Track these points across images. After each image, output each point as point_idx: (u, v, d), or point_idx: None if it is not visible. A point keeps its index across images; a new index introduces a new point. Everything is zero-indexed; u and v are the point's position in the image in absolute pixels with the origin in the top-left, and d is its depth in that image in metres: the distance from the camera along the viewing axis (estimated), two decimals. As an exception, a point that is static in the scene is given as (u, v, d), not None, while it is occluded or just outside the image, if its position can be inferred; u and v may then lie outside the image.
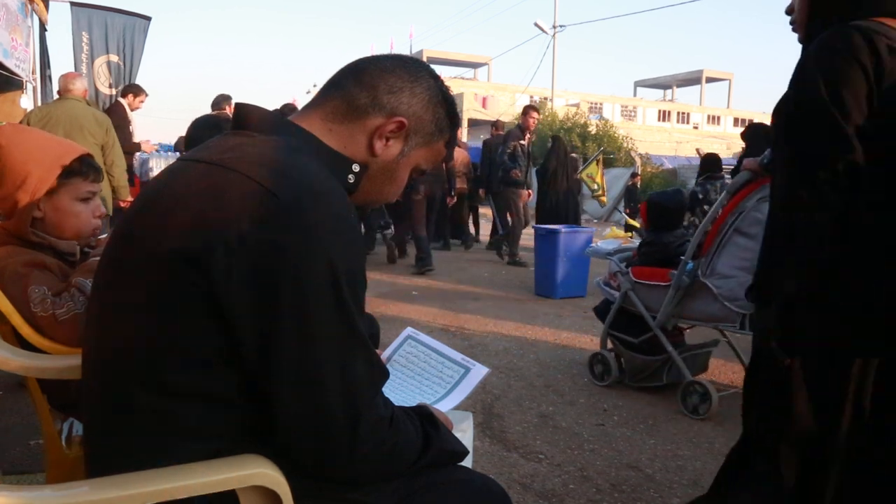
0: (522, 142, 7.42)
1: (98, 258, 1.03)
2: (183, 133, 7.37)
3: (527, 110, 7.57)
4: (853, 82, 1.27)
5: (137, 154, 6.29)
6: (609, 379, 3.35)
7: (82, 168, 1.58)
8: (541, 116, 22.55)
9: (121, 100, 6.42)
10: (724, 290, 2.82)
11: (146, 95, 6.42)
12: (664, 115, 48.27)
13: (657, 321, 3.11)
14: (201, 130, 2.39)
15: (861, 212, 1.31)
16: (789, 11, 1.55)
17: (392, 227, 8.02)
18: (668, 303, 3.04)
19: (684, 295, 3.02)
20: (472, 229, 9.73)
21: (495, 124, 9.02)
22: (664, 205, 3.38)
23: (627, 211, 12.30)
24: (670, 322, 3.14)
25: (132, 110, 6.28)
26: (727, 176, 6.29)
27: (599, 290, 3.60)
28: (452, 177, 7.97)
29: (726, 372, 3.64)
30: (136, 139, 6.28)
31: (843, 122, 1.27)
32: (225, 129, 1.09)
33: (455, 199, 8.29)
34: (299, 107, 1.13)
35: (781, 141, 1.42)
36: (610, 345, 3.45)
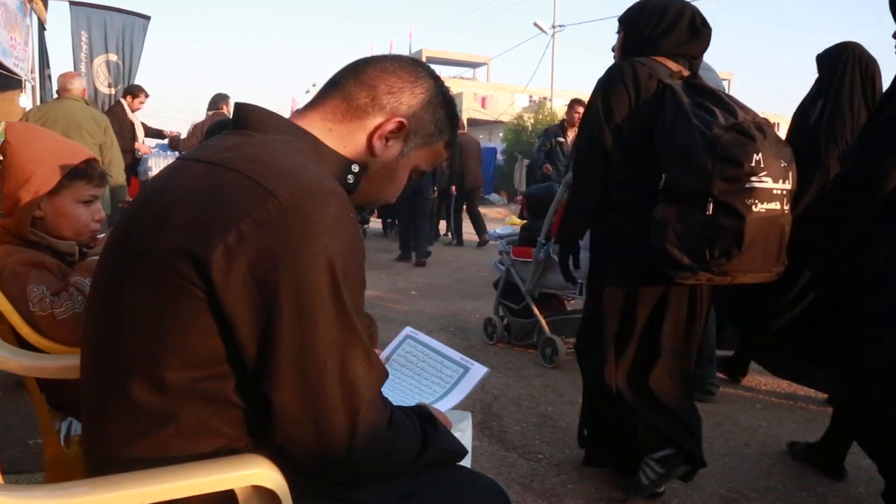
0: (561, 139, 7.01)
1: (97, 257, 1.03)
2: (182, 132, 7.38)
3: (572, 104, 6.97)
4: (617, 93, 1.94)
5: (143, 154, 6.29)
6: (496, 338, 4.14)
7: (87, 171, 1.59)
8: (540, 116, 22.55)
9: (121, 100, 6.43)
10: None
11: (146, 96, 6.42)
12: (663, 115, 48.08)
13: (525, 290, 3.88)
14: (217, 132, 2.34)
15: (612, 187, 2.00)
16: (613, 50, 2.20)
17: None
18: (532, 275, 3.82)
19: (543, 268, 3.79)
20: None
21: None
22: (537, 196, 4.25)
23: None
24: (535, 291, 3.89)
25: (133, 111, 6.28)
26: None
27: (494, 268, 4.38)
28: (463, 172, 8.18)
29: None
30: (142, 138, 6.30)
31: (604, 118, 1.96)
32: None
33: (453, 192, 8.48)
34: (299, 106, 1.12)
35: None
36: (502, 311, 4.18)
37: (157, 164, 6.92)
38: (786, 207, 1.81)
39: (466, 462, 1.13)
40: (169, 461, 0.82)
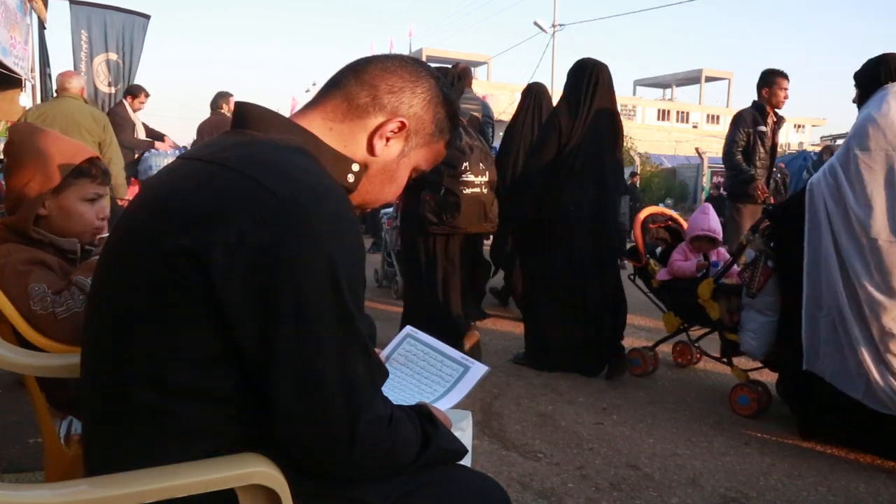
0: (763, 128, 4.78)
1: (98, 257, 1.03)
2: (182, 132, 7.36)
3: (771, 78, 4.79)
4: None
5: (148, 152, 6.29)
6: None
7: (91, 169, 1.59)
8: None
9: (123, 101, 6.42)
10: None
11: (147, 95, 6.42)
12: (663, 115, 48.26)
13: (390, 248, 5.82)
14: None
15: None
16: None
17: None
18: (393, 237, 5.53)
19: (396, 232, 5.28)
20: None
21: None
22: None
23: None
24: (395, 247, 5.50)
25: (134, 111, 6.28)
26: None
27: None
28: None
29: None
30: (143, 138, 6.28)
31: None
32: None
33: None
34: (299, 106, 1.13)
35: None
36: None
37: (157, 163, 6.92)
38: (485, 190, 3.46)
39: (466, 461, 1.13)
40: (169, 460, 0.82)
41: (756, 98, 4.94)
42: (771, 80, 4.81)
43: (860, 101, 2.72)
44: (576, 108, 3.45)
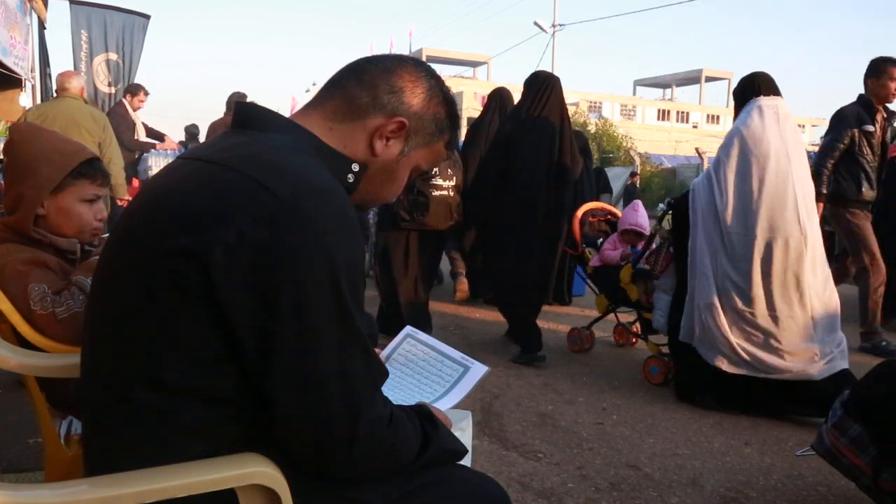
0: (869, 127, 4.19)
1: (98, 257, 1.03)
2: (182, 132, 7.38)
3: (882, 67, 4.19)
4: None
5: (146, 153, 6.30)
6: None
7: (90, 170, 1.59)
8: None
9: (122, 100, 6.42)
10: None
11: (146, 94, 6.41)
12: (663, 115, 48.28)
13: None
14: None
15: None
16: None
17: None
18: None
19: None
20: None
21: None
22: None
23: None
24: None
25: (134, 110, 6.28)
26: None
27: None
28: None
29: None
30: (143, 138, 6.29)
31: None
32: None
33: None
34: (299, 106, 1.13)
35: None
36: None
37: (156, 163, 6.92)
38: (451, 192, 3.81)
39: (466, 461, 1.13)
40: (169, 460, 0.82)
41: (862, 91, 4.25)
42: (880, 70, 4.18)
43: (735, 113, 3.16)
44: (529, 115, 3.73)
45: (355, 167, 1.00)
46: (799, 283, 2.86)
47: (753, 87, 3.06)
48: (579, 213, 4.08)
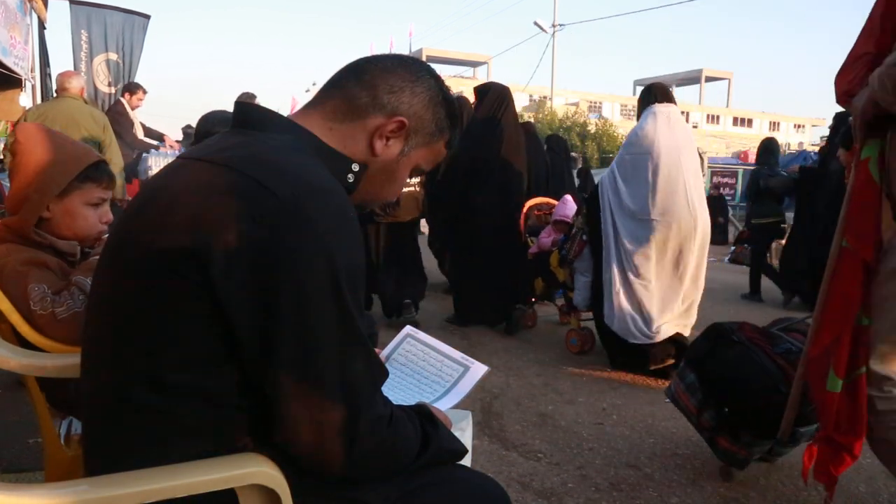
0: None
1: (98, 257, 1.03)
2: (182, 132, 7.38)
3: None
4: None
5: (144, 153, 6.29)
6: None
7: (97, 174, 1.59)
8: (540, 115, 22.53)
9: (120, 99, 6.42)
10: None
11: (144, 92, 6.41)
12: (663, 115, 48.08)
13: None
14: (211, 125, 2.40)
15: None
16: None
17: None
18: None
19: None
20: None
21: None
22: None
23: None
24: None
25: (132, 108, 6.28)
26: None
27: None
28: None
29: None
30: (140, 136, 6.29)
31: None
32: None
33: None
34: (299, 106, 1.13)
35: None
36: None
37: (156, 163, 6.91)
38: (418, 188, 4.30)
39: (466, 461, 1.13)
40: (169, 460, 0.82)
41: None
42: None
43: (637, 116, 3.70)
44: (488, 124, 4.34)
45: (355, 167, 1.00)
46: (684, 259, 3.44)
47: (651, 96, 3.62)
48: (525, 208, 4.67)
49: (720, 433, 2.23)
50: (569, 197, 4.61)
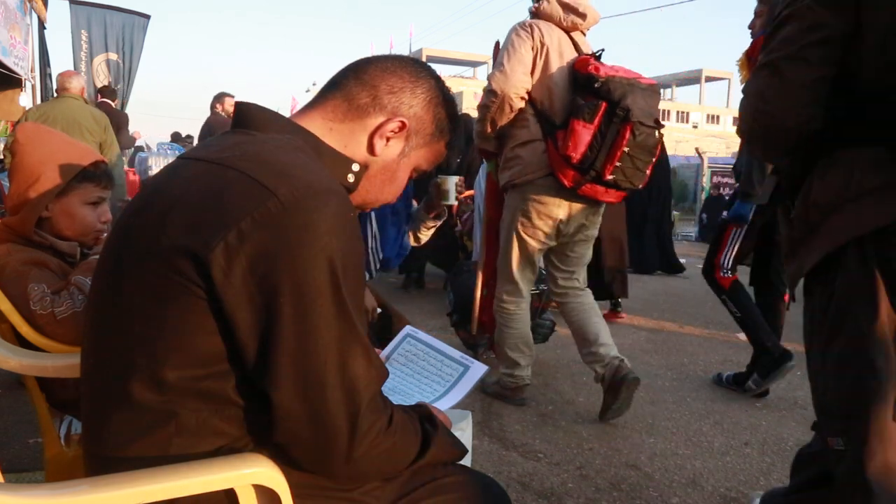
0: None
1: (98, 257, 1.03)
2: (182, 132, 7.37)
3: None
4: None
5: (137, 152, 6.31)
6: None
7: (96, 173, 1.59)
8: None
9: (107, 101, 6.43)
10: None
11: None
12: (663, 115, 47.94)
13: None
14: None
15: None
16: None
17: None
18: None
19: None
20: None
21: None
22: None
23: None
24: None
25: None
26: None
27: None
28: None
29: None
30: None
31: None
32: None
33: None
34: (299, 106, 1.14)
35: None
36: None
37: (157, 163, 6.92)
38: None
39: (466, 461, 1.13)
40: (169, 460, 0.82)
41: None
42: None
43: None
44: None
45: (355, 167, 1.00)
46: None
47: None
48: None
49: (459, 329, 3.80)
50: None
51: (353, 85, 1.01)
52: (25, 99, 6.15)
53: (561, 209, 2.81)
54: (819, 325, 1.23)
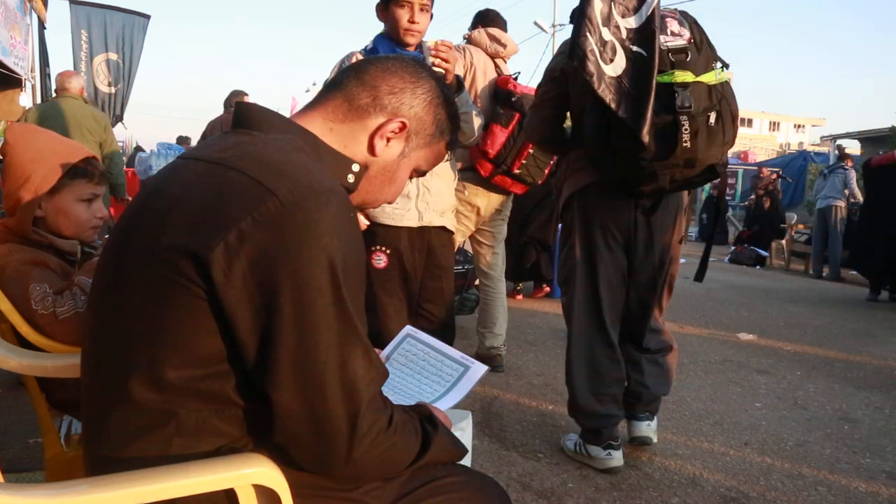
0: None
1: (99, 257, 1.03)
2: (182, 131, 7.38)
3: None
4: None
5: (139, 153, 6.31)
6: None
7: (87, 169, 1.59)
8: None
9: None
10: None
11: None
12: (664, 115, 48.10)
13: None
14: None
15: None
16: None
17: None
18: None
19: None
20: None
21: None
22: None
23: None
24: None
25: None
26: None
27: None
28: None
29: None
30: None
31: None
32: None
33: None
34: (299, 106, 1.14)
35: None
36: None
37: (157, 163, 6.92)
38: None
39: (466, 461, 1.13)
40: (169, 460, 0.82)
41: None
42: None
43: None
44: None
45: (355, 167, 1.01)
46: None
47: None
48: None
49: None
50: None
51: (353, 85, 1.01)
52: (25, 99, 6.15)
53: (479, 197, 3.39)
54: (564, 232, 2.50)
